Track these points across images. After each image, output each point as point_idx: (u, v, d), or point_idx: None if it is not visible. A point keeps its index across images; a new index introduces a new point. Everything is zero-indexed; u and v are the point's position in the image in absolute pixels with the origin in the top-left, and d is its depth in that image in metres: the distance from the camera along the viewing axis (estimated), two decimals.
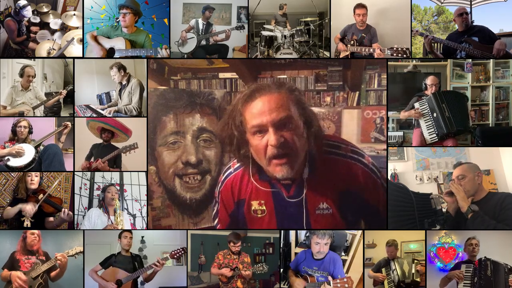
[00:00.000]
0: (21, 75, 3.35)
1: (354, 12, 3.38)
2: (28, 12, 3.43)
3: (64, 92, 3.38)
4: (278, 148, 1.59)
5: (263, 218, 1.79)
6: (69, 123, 3.25)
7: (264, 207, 1.79)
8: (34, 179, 3.14)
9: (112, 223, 3.19)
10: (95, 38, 3.29)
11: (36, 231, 3.01)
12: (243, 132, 1.67)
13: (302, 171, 1.70)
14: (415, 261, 3.09)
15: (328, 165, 1.73)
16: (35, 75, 3.39)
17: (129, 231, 3.12)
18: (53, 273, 2.97)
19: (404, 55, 3.15)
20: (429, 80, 3.40)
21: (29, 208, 3.01)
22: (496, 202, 2.87)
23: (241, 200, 1.85)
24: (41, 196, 3.08)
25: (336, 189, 1.73)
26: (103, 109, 3.42)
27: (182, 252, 3.09)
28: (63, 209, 3.06)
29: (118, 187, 3.33)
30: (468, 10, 3.31)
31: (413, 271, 3.08)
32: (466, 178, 2.91)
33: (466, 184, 2.89)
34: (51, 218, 3.11)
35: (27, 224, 3.01)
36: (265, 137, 1.61)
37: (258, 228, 1.90)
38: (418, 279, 3.06)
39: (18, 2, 3.36)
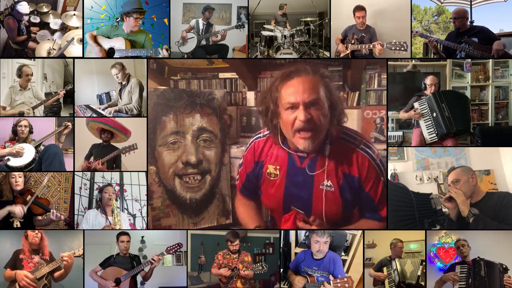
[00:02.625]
0: (20, 76, 3.35)
1: (354, 14, 3.39)
2: (22, 7, 3.37)
3: (62, 92, 3.37)
4: (305, 123, 1.81)
5: (275, 181, 2.01)
6: (69, 124, 3.25)
7: (278, 172, 2.03)
8: (18, 180, 3.10)
9: (110, 223, 3.18)
10: (95, 39, 3.29)
11: (37, 230, 3.00)
12: (277, 105, 1.89)
13: (320, 147, 1.89)
14: (423, 263, 3.06)
15: (340, 148, 1.96)
16: (32, 73, 3.38)
17: (127, 234, 3.12)
18: (56, 274, 2.96)
19: (402, 48, 3.16)
20: (428, 80, 3.40)
21: (18, 211, 2.97)
22: (495, 202, 2.87)
23: (260, 161, 2.12)
24: (29, 197, 3.05)
25: (342, 171, 1.94)
26: (103, 109, 3.42)
27: (178, 247, 3.09)
28: (51, 211, 3.04)
29: (118, 187, 3.34)
30: (468, 10, 3.32)
31: (419, 273, 3.05)
32: (461, 181, 2.92)
33: (461, 187, 2.89)
34: (40, 217, 3.09)
35: (16, 225, 2.99)
36: (295, 113, 1.84)
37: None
38: (422, 283, 3.03)
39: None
